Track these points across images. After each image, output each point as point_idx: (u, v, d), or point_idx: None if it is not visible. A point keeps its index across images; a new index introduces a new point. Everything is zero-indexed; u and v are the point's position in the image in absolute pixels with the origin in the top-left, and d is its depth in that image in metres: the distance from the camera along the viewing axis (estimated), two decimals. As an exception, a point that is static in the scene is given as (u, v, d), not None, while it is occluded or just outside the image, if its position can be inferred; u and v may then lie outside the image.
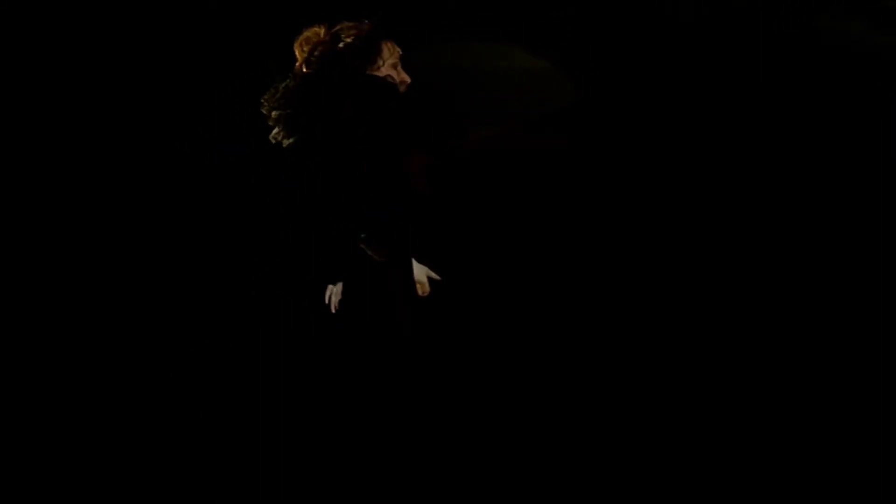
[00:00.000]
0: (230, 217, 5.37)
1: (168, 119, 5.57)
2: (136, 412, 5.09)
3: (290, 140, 4.08)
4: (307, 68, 4.12)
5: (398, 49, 4.23)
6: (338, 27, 4.17)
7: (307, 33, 4.17)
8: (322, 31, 4.15)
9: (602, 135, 5.76)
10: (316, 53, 4.11)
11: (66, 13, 5.54)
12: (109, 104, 5.56)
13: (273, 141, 4.10)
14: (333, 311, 4.11)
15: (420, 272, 4.16)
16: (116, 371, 5.28)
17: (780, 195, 5.67)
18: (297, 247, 4.09)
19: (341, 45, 4.12)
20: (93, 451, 4.94)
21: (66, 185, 5.49)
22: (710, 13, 5.78)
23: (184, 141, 5.56)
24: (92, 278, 5.44)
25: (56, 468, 4.86)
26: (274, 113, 4.09)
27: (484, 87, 5.76)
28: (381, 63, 4.17)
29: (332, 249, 4.08)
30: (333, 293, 4.14)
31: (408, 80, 4.21)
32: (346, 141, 4.02)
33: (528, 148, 5.74)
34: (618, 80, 5.74)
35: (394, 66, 4.20)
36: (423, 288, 4.16)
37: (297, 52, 4.16)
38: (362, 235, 4.05)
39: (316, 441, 4.23)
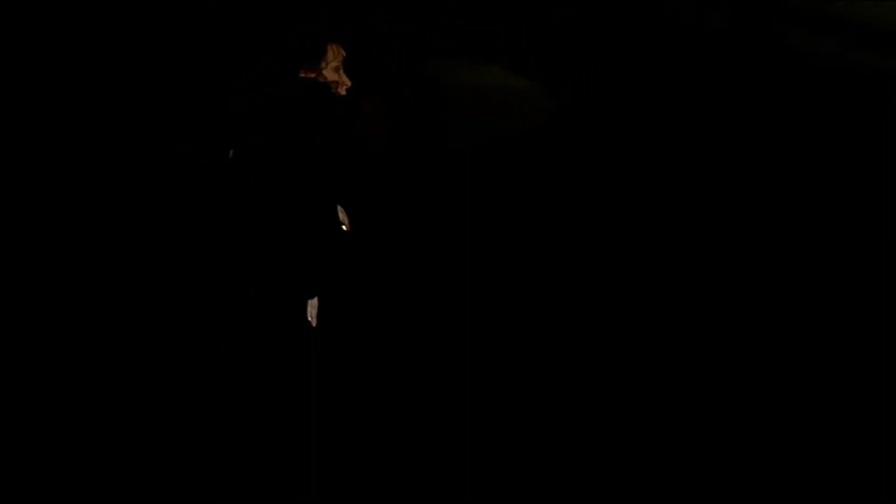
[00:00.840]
0: (230, 217, 5.37)
1: (168, 119, 5.56)
2: (137, 412, 5.09)
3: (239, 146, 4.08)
4: (257, 75, 4.11)
5: (342, 52, 4.16)
6: (284, 31, 4.12)
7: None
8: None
9: (601, 135, 5.77)
10: (264, 60, 4.09)
11: (67, 13, 5.54)
12: (109, 104, 5.56)
13: (228, 150, 4.10)
14: (314, 324, 4.12)
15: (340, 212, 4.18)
16: (117, 371, 5.28)
17: (778, 194, 5.67)
18: (294, 247, 4.09)
19: (285, 48, 4.08)
20: (93, 451, 4.94)
21: (66, 185, 5.49)
22: (709, 13, 5.79)
23: (184, 142, 5.56)
24: (92, 278, 5.44)
25: (56, 468, 4.86)
26: (224, 120, 4.08)
27: (462, 104, 5.78)
28: (323, 65, 4.11)
29: (326, 250, 4.08)
30: (311, 306, 4.14)
31: (348, 83, 4.15)
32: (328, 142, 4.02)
33: (528, 148, 5.74)
34: (618, 81, 5.74)
35: (336, 70, 4.13)
36: (346, 225, 4.20)
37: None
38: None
39: (316, 441, 4.23)
